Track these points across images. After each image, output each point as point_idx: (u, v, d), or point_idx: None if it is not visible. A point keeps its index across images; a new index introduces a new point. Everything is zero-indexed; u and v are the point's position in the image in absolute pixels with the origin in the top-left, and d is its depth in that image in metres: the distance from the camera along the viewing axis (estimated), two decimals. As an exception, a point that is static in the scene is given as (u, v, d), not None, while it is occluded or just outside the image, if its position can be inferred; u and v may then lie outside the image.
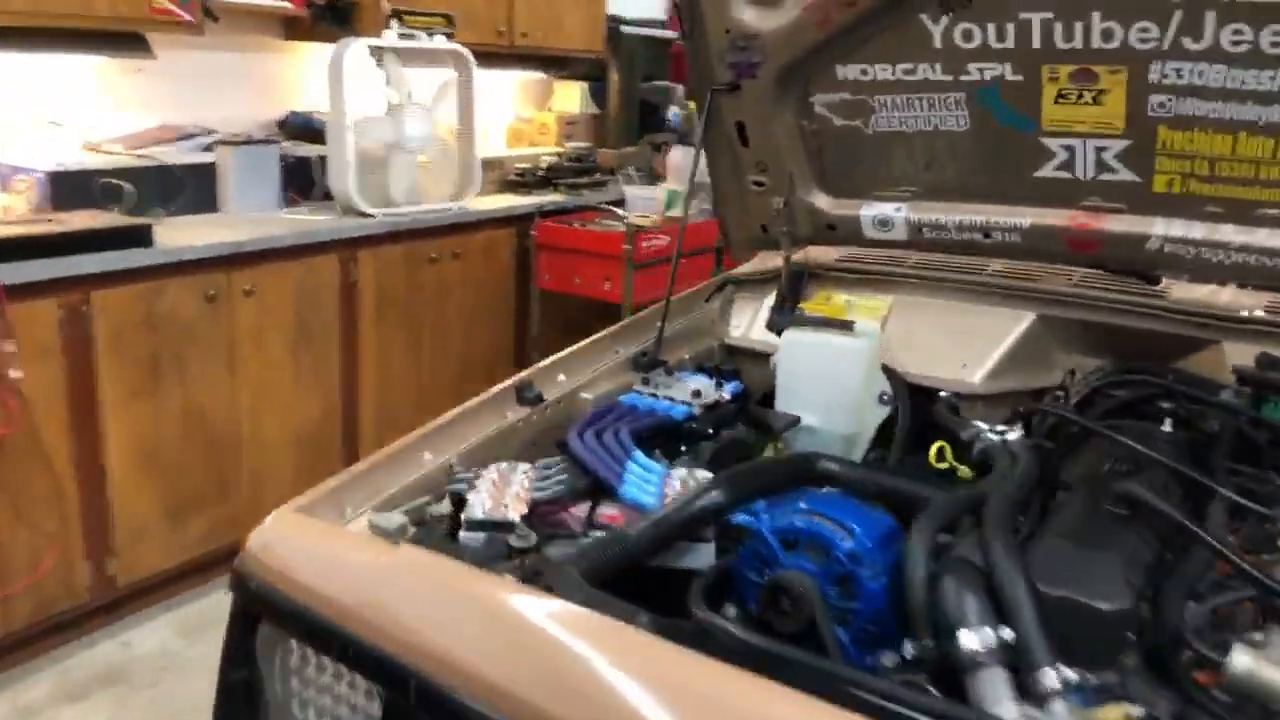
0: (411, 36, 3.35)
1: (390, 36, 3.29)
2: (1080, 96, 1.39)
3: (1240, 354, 1.43)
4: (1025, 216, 1.56)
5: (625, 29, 4.67)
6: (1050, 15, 1.32)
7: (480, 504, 1.11)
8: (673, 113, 4.95)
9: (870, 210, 1.69)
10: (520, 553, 1.05)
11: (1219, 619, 0.91)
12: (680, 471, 1.22)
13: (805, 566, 0.98)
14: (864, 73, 1.52)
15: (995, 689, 0.86)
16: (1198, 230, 1.43)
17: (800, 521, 1.01)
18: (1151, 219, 1.46)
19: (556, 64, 4.55)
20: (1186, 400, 1.43)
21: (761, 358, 1.74)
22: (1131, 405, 1.47)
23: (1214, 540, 0.95)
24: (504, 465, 1.23)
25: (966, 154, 1.54)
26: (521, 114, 4.66)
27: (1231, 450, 1.28)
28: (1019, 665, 0.87)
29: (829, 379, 1.54)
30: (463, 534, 1.10)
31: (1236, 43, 1.22)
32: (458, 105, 3.62)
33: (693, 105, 5.23)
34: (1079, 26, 1.31)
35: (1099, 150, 1.43)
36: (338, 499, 1.13)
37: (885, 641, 0.97)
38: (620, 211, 3.94)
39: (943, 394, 1.54)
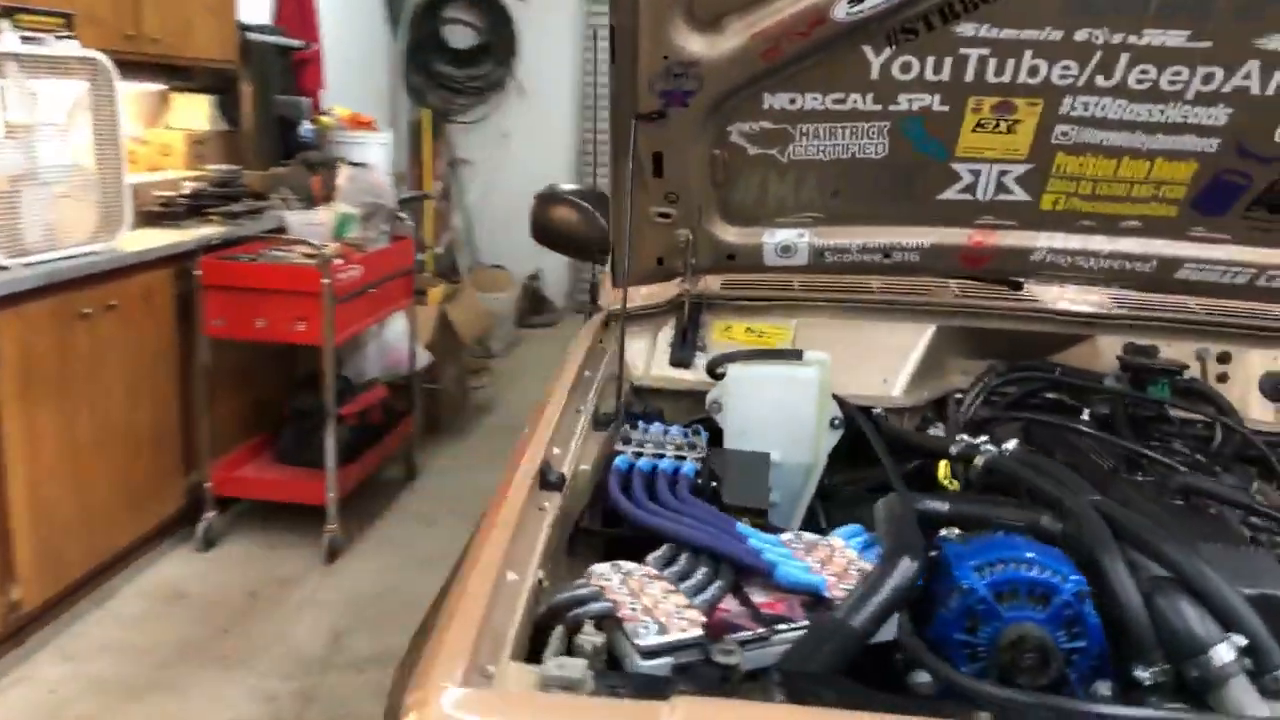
0: (36, 40, 2.68)
1: (8, 40, 2.60)
2: (996, 126, 1.52)
3: (1110, 346, 1.67)
4: (926, 236, 1.67)
5: (254, 37, 4.16)
6: (988, 51, 1.42)
7: (650, 627, 0.93)
8: (305, 128, 4.54)
9: (773, 237, 1.70)
10: (727, 669, 0.89)
11: None
12: (787, 535, 1.12)
13: (1033, 616, 0.97)
14: (792, 101, 1.52)
15: (1246, 694, 0.92)
16: (1075, 241, 1.64)
17: (1016, 572, 0.98)
18: (1036, 233, 1.65)
19: (177, 75, 3.93)
20: (1073, 389, 1.64)
21: (678, 395, 1.68)
22: (1024, 398, 1.65)
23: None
24: (607, 570, 1.04)
25: (877, 180, 1.61)
26: (135, 133, 3.95)
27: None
28: (1255, 669, 0.93)
29: (784, 411, 1.52)
30: (642, 663, 0.91)
31: (1141, 81, 1.42)
32: (94, 124, 2.96)
33: (324, 119, 4.83)
34: (1010, 63, 1.43)
35: (1001, 174, 1.58)
36: (467, 658, 0.87)
37: (1101, 673, 0.98)
38: (303, 240, 3.51)
39: (876, 410, 1.60)
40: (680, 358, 1.72)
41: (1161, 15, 1.35)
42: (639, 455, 1.36)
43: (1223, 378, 1.65)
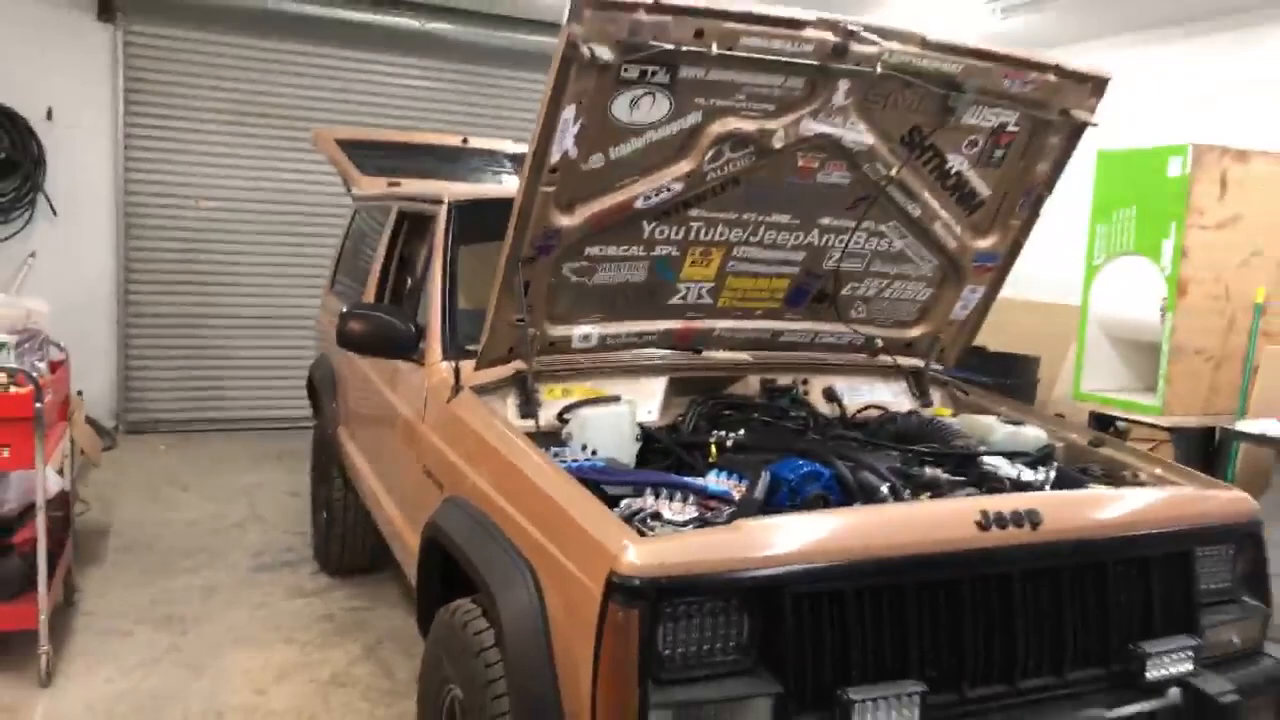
0: None
1: None
2: (698, 262, 2.74)
3: (754, 381, 2.98)
4: (661, 325, 2.83)
5: None
6: (702, 224, 2.64)
7: (676, 512, 1.94)
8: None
9: (577, 330, 2.73)
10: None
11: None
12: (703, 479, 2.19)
13: (816, 487, 2.15)
14: (600, 250, 2.59)
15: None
16: (733, 324, 2.93)
17: (809, 467, 2.16)
18: (715, 321, 2.90)
19: None
20: (739, 406, 2.91)
21: (532, 436, 2.60)
22: (716, 414, 2.88)
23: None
24: (630, 502, 2.01)
25: (636, 293, 2.73)
26: None
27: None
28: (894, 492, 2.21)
29: (613, 430, 2.55)
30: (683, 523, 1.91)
31: (767, 239, 2.75)
32: None
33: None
34: (712, 229, 2.67)
35: (699, 288, 2.81)
36: (620, 525, 1.81)
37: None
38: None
39: (651, 428, 2.70)
40: (528, 412, 2.65)
41: (778, 207, 2.69)
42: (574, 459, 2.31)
43: (806, 392, 3.05)
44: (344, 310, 3.07)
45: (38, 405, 3.40)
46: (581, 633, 1.78)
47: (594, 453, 2.39)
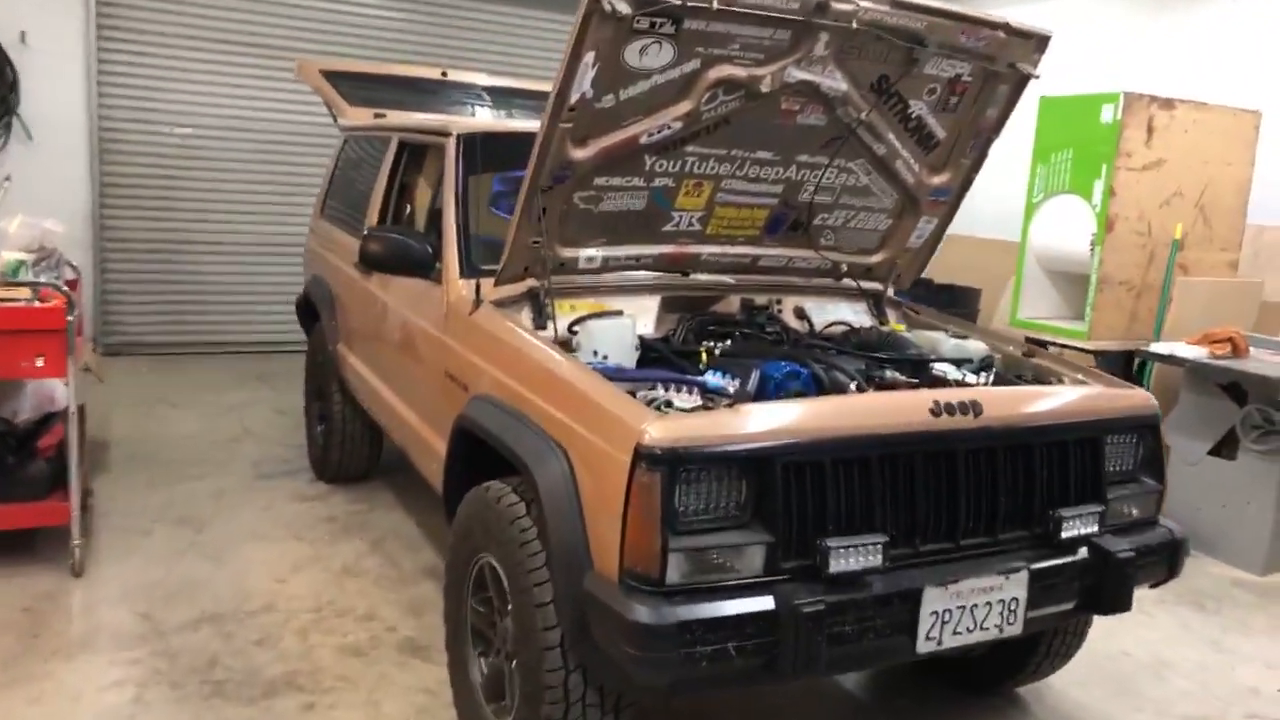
0: None
1: None
2: (691, 193, 3.10)
3: (734, 301, 3.37)
4: (656, 249, 3.20)
5: None
6: (696, 159, 3.00)
7: (687, 401, 2.34)
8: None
9: (584, 253, 3.08)
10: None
11: None
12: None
13: (796, 384, 2.56)
14: (607, 181, 2.93)
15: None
16: (718, 249, 3.30)
17: (789, 366, 2.56)
18: (703, 245, 3.28)
19: None
20: (723, 321, 3.29)
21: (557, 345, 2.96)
22: (703, 328, 3.27)
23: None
24: (645, 393, 2.40)
25: (635, 220, 3.09)
26: None
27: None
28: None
29: (617, 340, 2.92)
30: (689, 409, 2.31)
31: (752, 174, 3.12)
32: None
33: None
34: (704, 163, 3.02)
35: (690, 216, 3.18)
36: (640, 406, 2.20)
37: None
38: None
39: (649, 339, 3.08)
40: (541, 324, 3.01)
41: (762, 145, 3.05)
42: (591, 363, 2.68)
43: (780, 310, 3.45)
44: (365, 233, 3.38)
45: (70, 318, 3.67)
46: (610, 495, 2.17)
47: (605, 357, 2.76)
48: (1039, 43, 3.04)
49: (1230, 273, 5.69)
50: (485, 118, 5.73)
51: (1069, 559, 2.52)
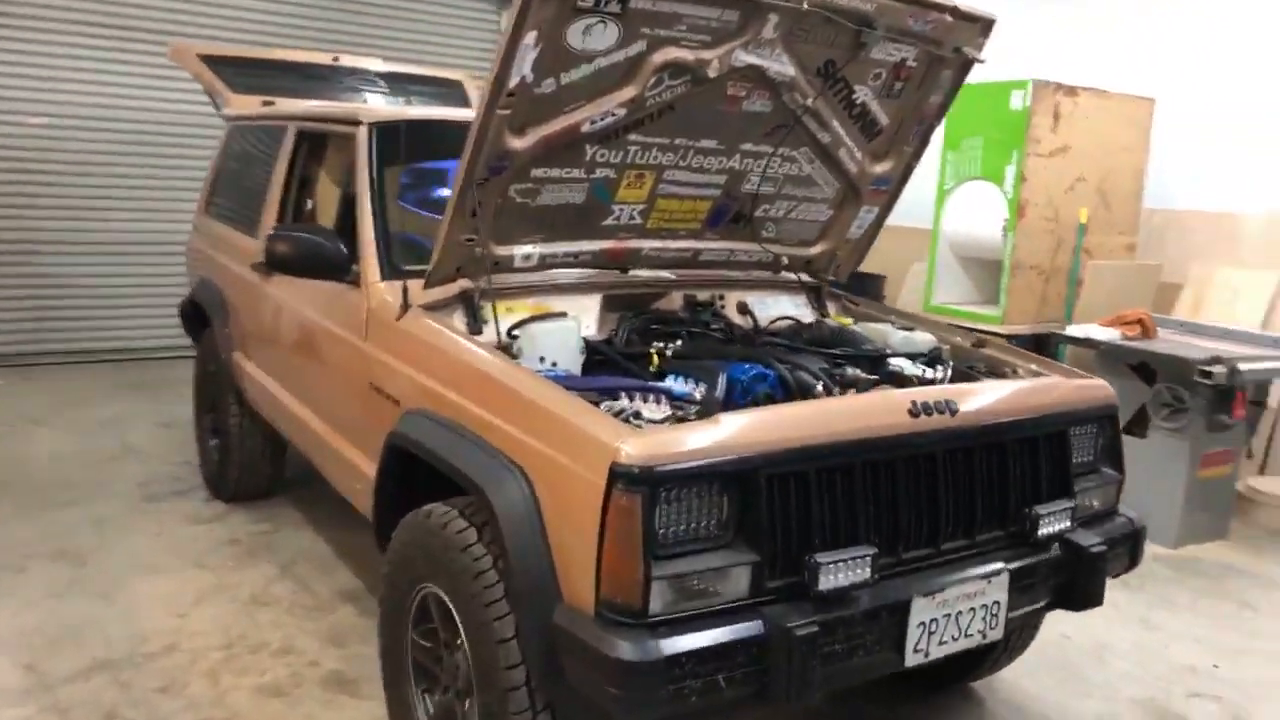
0: None
1: None
2: (633, 184, 2.91)
3: (677, 297, 3.21)
4: (595, 245, 3.00)
5: None
6: (638, 148, 2.81)
7: (656, 411, 2.15)
8: None
9: (519, 250, 2.86)
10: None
11: None
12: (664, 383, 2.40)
13: (765, 387, 2.40)
14: (545, 173, 2.72)
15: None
16: (659, 244, 3.13)
17: (755, 369, 2.41)
18: (644, 240, 3.09)
19: None
20: (665, 319, 3.13)
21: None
22: (646, 328, 3.09)
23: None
24: (611, 404, 2.20)
25: (574, 214, 2.88)
26: None
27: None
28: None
29: (562, 344, 2.72)
30: (660, 422, 2.13)
31: (695, 163, 2.95)
32: None
33: None
34: (646, 153, 2.84)
35: (631, 209, 2.99)
36: (613, 423, 2.01)
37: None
38: None
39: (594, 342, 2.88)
40: (476, 328, 2.77)
41: (706, 133, 2.89)
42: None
43: (723, 306, 3.30)
44: (271, 233, 3.06)
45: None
46: (581, 520, 1.97)
47: (554, 364, 2.55)
48: (984, 26, 2.97)
49: (1129, 255, 5.85)
50: (380, 105, 5.41)
51: (1044, 557, 2.45)
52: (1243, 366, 4.33)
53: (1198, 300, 5.92)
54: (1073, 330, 4.94)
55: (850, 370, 2.68)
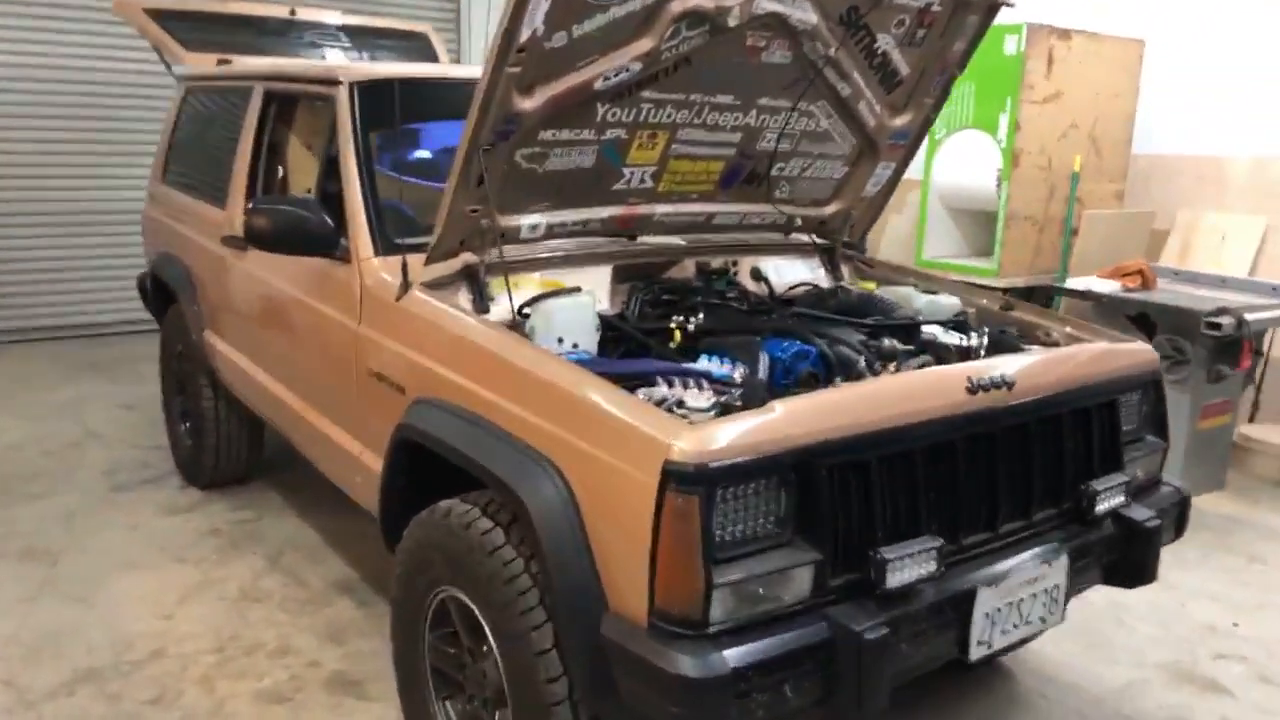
0: None
1: None
2: (645, 145, 2.70)
3: (689, 266, 3.02)
4: (604, 211, 2.79)
5: None
6: (652, 106, 2.60)
7: (699, 399, 1.97)
8: None
9: (526, 220, 2.64)
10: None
11: None
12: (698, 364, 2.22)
13: (806, 365, 2.23)
14: (554, 135, 2.49)
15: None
16: (670, 208, 2.92)
17: (796, 347, 2.24)
18: (655, 205, 2.89)
19: None
20: (682, 290, 2.93)
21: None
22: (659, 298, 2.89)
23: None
24: (649, 392, 2.02)
25: (583, 179, 2.67)
26: None
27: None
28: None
29: (578, 322, 2.52)
30: (706, 411, 1.96)
31: (710, 120, 2.75)
32: None
33: None
34: (660, 111, 2.63)
35: (642, 172, 2.78)
36: (663, 418, 1.83)
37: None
38: None
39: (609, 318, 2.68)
40: (483, 307, 2.56)
41: (722, 88, 2.68)
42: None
43: (736, 273, 3.12)
44: (250, 205, 2.81)
45: None
46: (630, 523, 1.80)
47: (575, 345, 2.36)
48: (1013, -33, 2.78)
49: (1118, 203, 5.75)
50: (343, 60, 5.10)
51: (1100, 534, 2.33)
52: (1250, 316, 4.25)
53: (1185, 246, 5.84)
54: (1072, 283, 4.82)
55: (887, 341, 2.52)
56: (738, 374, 2.18)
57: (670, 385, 2.07)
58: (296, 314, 3.13)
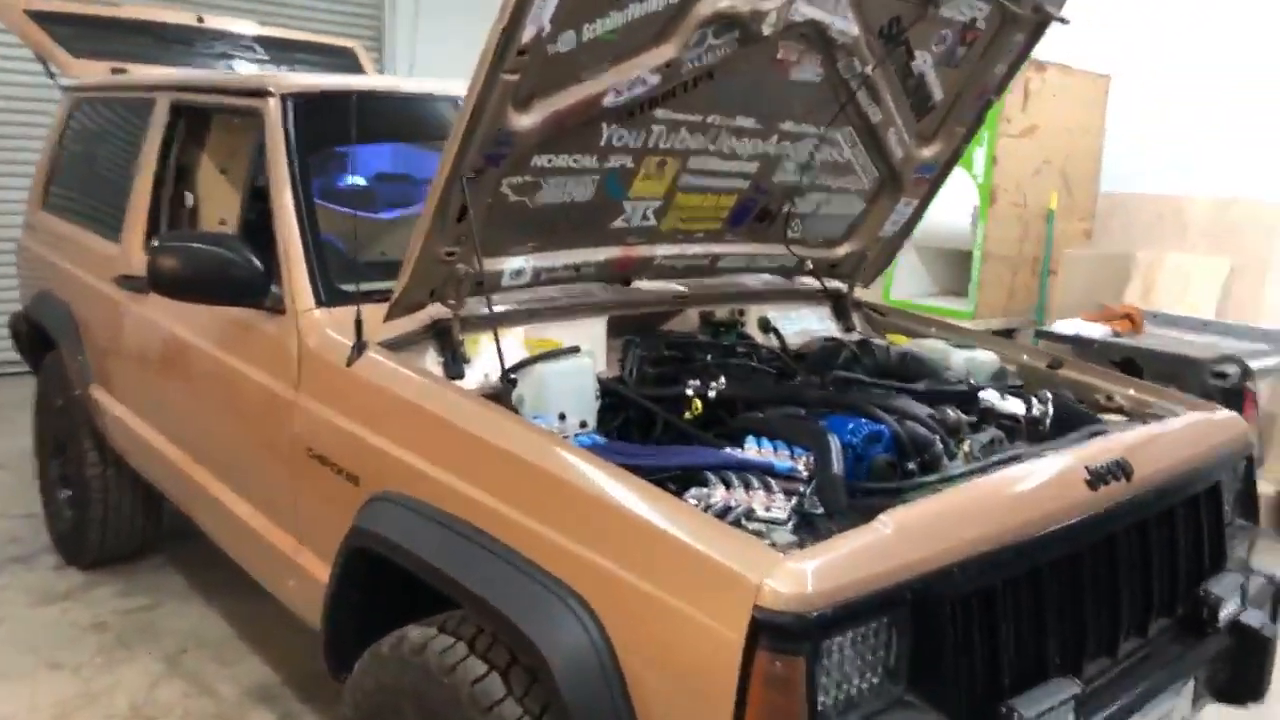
0: None
1: None
2: (652, 175, 2.24)
3: (692, 316, 2.56)
4: (600, 253, 2.31)
5: None
6: (665, 127, 2.14)
7: (773, 506, 1.50)
8: None
9: (509, 264, 2.14)
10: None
11: None
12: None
13: (879, 449, 1.79)
14: (549, 161, 2.01)
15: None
16: (673, 250, 2.46)
17: (869, 428, 1.79)
18: (656, 246, 2.42)
19: None
20: (686, 345, 2.47)
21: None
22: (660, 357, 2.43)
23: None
24: (718, 497, 1.55)
25: (577, 215, 2.19)
26: None
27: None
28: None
29: (575, 392, 2.03)
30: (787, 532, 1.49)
31: (726, 147, 2.30)
32: None
33: None
34: (673, 134, 2.17)
35: (645, 207, 2.31)
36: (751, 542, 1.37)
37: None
38: None
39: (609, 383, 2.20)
40: (455, 371, 2.05)
41: (744, 109, 2.25)
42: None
43: (744, 324, 2.67)
44: (155, 244, 2.24)
45: None
46: (698, 688, 1.32)
47: (583, 424, 1.86)
48: (1067, -21, 2.43)
49: (1087, 242, 5.53)
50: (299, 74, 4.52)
51: (1219, 646, 1.94)
52: (1255, 365, 4.01)
53: (1147, 287, 5.65)
54: (1059, 325, 4.54)
55: (952, 413, 2.09)
56: (801, 465, 1.72)
57: (728, 486, 1.59)
58: (211, 373, 2.54)
